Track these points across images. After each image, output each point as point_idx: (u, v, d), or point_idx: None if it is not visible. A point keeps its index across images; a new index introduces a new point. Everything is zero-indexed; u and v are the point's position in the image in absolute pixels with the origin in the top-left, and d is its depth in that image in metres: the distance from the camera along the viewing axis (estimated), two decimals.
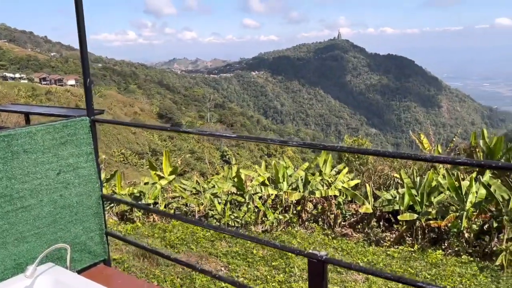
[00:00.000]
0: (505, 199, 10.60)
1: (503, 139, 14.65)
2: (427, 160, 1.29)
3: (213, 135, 2.54)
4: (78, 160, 3.38)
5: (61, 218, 3.38)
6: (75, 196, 3.42)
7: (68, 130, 3.28)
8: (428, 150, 15.23)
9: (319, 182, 12.91)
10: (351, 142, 16.83)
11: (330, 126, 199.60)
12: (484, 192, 11.01)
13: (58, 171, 3.28)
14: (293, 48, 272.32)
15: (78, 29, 3.13)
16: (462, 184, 11.29)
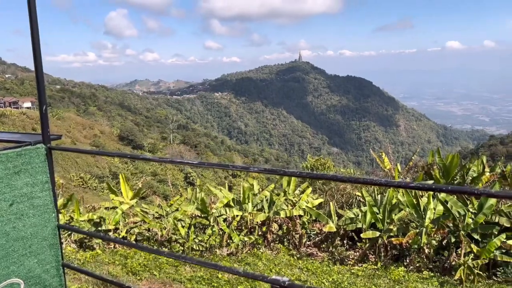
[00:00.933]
0: (461, 214, 11.02)
1: (458, 157, 15.33)
2: (382, 184, 1.30)
3: (173, 162, 2.48)
4: (33, 189, 3.21)
5: (14, 251, 3.18)
6: (29, 227, 3.23)
7: (22, 159, 3.11)
8: (388, 169, 15.69)
9: (283, 202, 12.95)
10: (314, 161, 17.07)
11: (294, 146, 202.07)
12: (442, 208, 11.40)
13: (11, 202, 3.09)
14: (255, 69, 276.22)
15: (33, 51, 3.02)
16: (421, 201, 11.66)
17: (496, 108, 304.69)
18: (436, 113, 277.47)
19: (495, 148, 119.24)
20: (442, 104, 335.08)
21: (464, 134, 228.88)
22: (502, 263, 10.60)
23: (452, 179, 15.09)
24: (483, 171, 14.67)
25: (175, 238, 10.50)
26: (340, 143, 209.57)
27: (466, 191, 1.92)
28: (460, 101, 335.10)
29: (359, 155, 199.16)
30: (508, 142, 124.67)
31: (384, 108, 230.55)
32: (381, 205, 12.13)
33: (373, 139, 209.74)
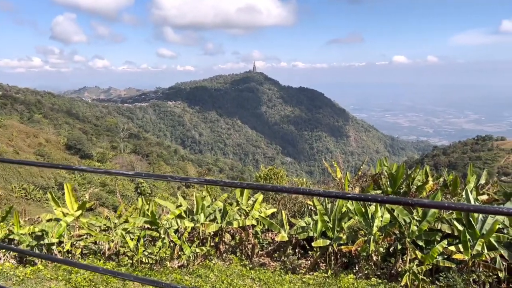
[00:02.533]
0: (407, 222, 11.47)
1: (404, 167, 15.99)
2: (310, 194, 1.29)
3: (109, 173, 2.37)
4: None
5: None
6: None
7: None
8: (339, 178, 16.09)
9: (236, 212, 12.88)
10: (267, 171, 17.17)
11: (248, 155, 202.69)
12: (388, 216, 11.81)
13: None
14: (210, 79, 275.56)
15: None
16: (369, 210, 12.02)
17: (439, 120, 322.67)
18: (384, 124, 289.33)
19: (438, 158, 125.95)
20: (390, 115, 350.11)
21: (410, 144, 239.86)
22: (444, 268, 11.10)
23: (399, 188, 15.70)
24: (427, 180, 15.39)
25: (124, 251, 10.11)
26: (293, 153, 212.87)
27: (401, 202, 1.96)
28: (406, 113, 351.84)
29: (312, 165, 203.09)
30: (449, 152, 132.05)
31: (335, 119, 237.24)
32: (331, 214, 12.38)
33: (324, 149, 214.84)
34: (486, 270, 10.83)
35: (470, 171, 15.80)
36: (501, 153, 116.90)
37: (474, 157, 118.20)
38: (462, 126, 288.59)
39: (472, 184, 15.07)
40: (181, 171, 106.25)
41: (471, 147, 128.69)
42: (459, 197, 14.17)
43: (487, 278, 10.85)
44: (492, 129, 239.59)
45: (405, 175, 15.92)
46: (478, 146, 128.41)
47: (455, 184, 14.82)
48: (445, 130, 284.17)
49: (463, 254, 10.57)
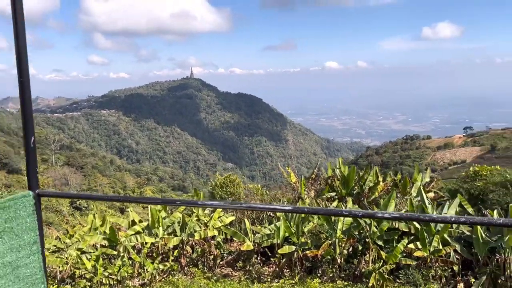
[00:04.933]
0: (367, 223, 11.78)
1: (355, 169, 16.46)
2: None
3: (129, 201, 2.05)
4: (18, 255, 2.30)
5: None
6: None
7: (5, 214, 2.21)
8: (294, 182, 16.22)
9: (196, 224, 12.46)
10: (223, 179, 16.92)
11: (189, 163, 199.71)
12: (350, 219, 12.07)
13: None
14: (146, 86, 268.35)
15: (18, 70, 2.28)
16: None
17: (370, 122, 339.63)
18: (320, 127, 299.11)
19: (371, 158, 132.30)
20: (325, 119, 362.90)
21: (344, 146, 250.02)
22: (403, 266, 11.52)
23: (352, 189, 16.14)
24: (378, 181, 15.97)
25: (80, 273, 9.33)
26: (234, 159, 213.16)
27: (376, 216, 1.87)
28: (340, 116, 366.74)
29: (253, 170, 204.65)
30: (382, 152, 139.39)
31: (274, 124, 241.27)
32: (292, 219, 12.37)
33: (265, 153, 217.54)
34: (442, 264, 11.38)
35: (417, 170, 16.64)
36: (427, 151, 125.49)
37: (404, 155, 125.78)
38: (391, 127, 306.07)
39: (419, 183, 15.87)
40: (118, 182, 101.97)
41: (401, 146, 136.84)
42: (409, 196, 14.84)
43: (443, 273, 11.40)
44: (419, 129, 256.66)
45: (357, 177, 16.41)
46: (407, 145, 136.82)
47: (405, 184, 15.53)
48: (376, 131, 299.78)
49: (422, 251, 11.04)
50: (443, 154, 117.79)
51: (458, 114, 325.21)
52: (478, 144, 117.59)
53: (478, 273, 11.15)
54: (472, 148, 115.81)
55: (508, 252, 11.19)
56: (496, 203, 15.50)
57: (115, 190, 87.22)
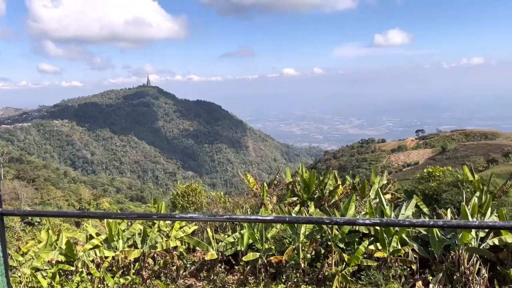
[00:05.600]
0: (329, 226, 11.96)
1: (315, 173, 16.71)
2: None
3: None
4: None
5: None
6: None
7: None
8: (257, 188, 16.22)
9: (158, 235, 12.16)
10: (185, 187, 16.61)
11: (147, 172, 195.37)
12: None
13: None
14: (100, 94, 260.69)
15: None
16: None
17: (327, 127, 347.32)
18: (279, 133, 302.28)
19: (330, 162, 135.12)
20: (284, 125, 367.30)
21: (303, 151, 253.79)
22: (365, 267, 11.77)
23: (313, 193, 16.36)
24: (338, 184, 16.28)
25: None
26: (194, 167, 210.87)
27: (351, 222, 1.92)
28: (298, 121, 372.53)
29: (214, 177, 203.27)
30: (339, 156, 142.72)
31: (234, 131, 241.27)
32: (255, 225, 12.36)
33: (225, 160, 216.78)
34: (402, 264, 11.74)
35: (374, 173, 17.13)
36: (382, 154, 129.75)
37: (361, 159, 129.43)
38: (348, 131, 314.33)
39: (377, 185, 16.34)
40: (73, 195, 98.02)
41: (358, 150, 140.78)
42: (368, 198, 15.23)
43: (403, 272, 11.76)
44: (373, 132, 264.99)
45: (317, 181, 16.67)
46: (363, 149, 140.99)
47: (363, 187, 15.92)
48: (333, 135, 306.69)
49: (382, 251, 11.33)
50: (397, 156, 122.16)
51: (410, 117, 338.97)
52: (430, 146, 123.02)
53: (435, 271, 11.58)
54: (424, 150, 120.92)
55: (462, 249, 11.71)
56: (449, 202, 16.22)
57: (70, 203, 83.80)
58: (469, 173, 16.41)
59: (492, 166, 75.84)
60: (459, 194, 15.49)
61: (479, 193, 14.21)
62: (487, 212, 12.77)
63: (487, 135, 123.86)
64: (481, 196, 13.99)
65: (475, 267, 11.69)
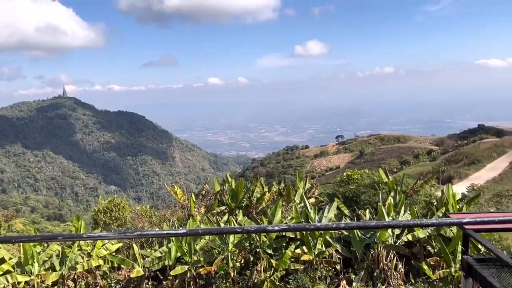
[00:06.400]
0: (257, 234, 12.11)
1: (242, 182, 16.86)
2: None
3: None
4: None
5: None
6: None
7: None
8: (184, 200, 15.94)
9: (78, 254, 11.43)
10: (107, 203, 15.80)
11: (65, 189, 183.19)
12: None
13: None
14: (10, 106, 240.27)
15: None
16: (223, 226, 12.26)
17: (254, 135, 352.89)
18: (206, 143, 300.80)
19: (257, 169, 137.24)
20: (211, 134, 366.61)
21: (231, 159, 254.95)
22: (293, 271, 12.07)
23: (240, 201, 16.47)
24: (264, 191, 16.57)
25: None
26: (117, 181, 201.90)
27: (267, 230, 2.04)
28: (225, 130, 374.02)
29: (139, 190, 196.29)
30: (266, 163, 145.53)
31: (159, 142, 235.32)
32: (184, 238, 12.14)
33: (151, 172, 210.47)
34: (327, 265, 12.22)
35: (298, 178, 17.69)
36: (306, 159, 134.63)
37: (287, 165, 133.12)
38: (273, 138, 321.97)
39: (301, 190, 16.89)
40: None
41: (283, 157, 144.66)
42: (293, 203, 15.68)
43: (328, 273, 12.24)
44: (297, 139, 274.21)
45: (245, 189, 16.82)
46: (288, 155, 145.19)
47: (289, 192, 16.38)
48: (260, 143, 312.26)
49: (308, 254, 11.70)
50: (320, 161, 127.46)
51: (330, 124, 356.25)
52: (349, 151, 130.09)
53: (357, 269, 12.22)
54: (344, 155, 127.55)
55: (380, 247, 12.49)
56: (367, 203, 17.26)
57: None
58: (383, 175, 17.60)
59: (405, 168, 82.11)
60: (376, 195, 16.54)
61: (394, 193, 15.28)
62: (401, 210, 13.77)
63: (399, 138, 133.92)
64: (395, 196, 15.06)
65: (392, 263, 12.52)
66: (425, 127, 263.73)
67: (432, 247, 12.98)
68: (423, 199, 16.92)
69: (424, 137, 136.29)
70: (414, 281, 12.30)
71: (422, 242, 13.31)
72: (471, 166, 66.70)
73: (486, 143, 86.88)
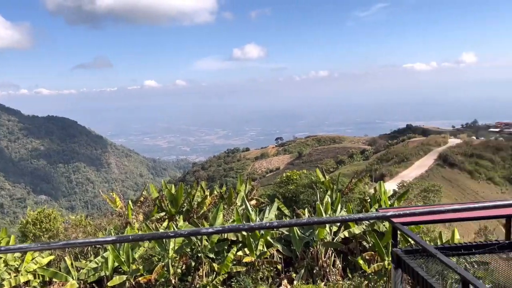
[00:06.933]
0: (198, 238, 11.96)
1: (182, 186, 16.61)
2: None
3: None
4: None
5: None
6: None
7: None
8: (120, 207, 15.36)
9: (4, 271, 10.59)
10: (36, 214, 14.76)
11: None
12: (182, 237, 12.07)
13: None
14: None
15: None
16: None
17: (194, 138, 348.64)
18: (144, 147, 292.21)
19: (198, 173, 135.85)
20: (149, 138, 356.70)
21: (171, 164, 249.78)
22: (235, 274, 12.08)
23: (181, 207, 16.21)
24: (205, 195, 16.45)
25: None
26: (48, 190, 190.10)
27: (201, 233, 2.10)
28: (164, 134, 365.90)
29: (72, 199, 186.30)
30: (207, 167, 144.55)
31: (93, 147, 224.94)
32: (122, 246, 11.71)
33: (85, 180, 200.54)
34: (268, 266, 12.37)
35: (240, 181, 17.77)
36: (247, 162, 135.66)
37: (228, 168, 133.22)
38: (214, 142, 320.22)
39: (243, 192, 16.98)
40: None
41: (224, 160, 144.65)
42: (235, 206, 15.71)
43: (270, 273, 12.40)
44: (238, 142, 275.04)
45: (185, 194, 16.59)
46: (229, 158, 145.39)
47: (230, 195, 16.39)
48: (200, 147, 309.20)
49: (250, 256, 11.77)
50: (261, 163, 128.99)
51: (270, 126, 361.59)
52: (288, 152, 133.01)
53: (298, 268, 12.50)
54: (284, 156, 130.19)
55: (319, 244, 12.88)
56: (306, 202, 17.73)
57: None
58: (320, 174, 18.19)
59: (340, 167, 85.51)
60: (314, 194, 17.05)
61: (330, 192, 15.86)
62: (337, 208, 14.30)
63: (335, 139, 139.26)
64: (332, 194, 15.63)
65: (331, 259, 12.97)
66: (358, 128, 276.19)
67: (367, 242, 13.61)
68: (357, 197, 17.71)
69: (358, 138, 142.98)
70: (351, 276, 12.82)
71: (358, 238, 13.92)
72: (401, 164, 70.99)
73: (414, 142, 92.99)
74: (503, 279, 6.17)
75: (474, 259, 9.49)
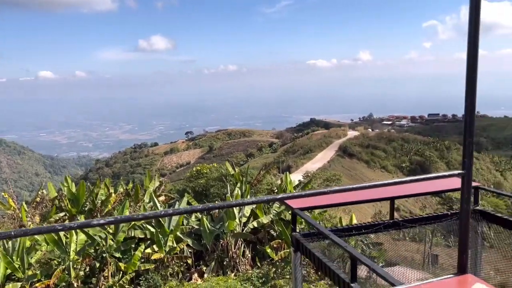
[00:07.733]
0: (103, 238, 11.38)
1: (84, 185, 15.65)
2: None
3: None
4: None
5: None
6: None
7: None
8: (14, 209, 14.00)
9: None
10: None
11: None
12: (84, 237, 11.34)
13: None
14: None
15: None
16: (62, 236, 11.14)
17: (96, 133, 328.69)
18: (40, 144, 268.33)
19: (102, 170, 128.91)
20: (45, 134, 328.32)
21: (71, 161, 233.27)
22: (143, 272, 11.75)
23: (83, 206, 15.29)
24: (110, 193, 15.70)
25: None
26: None
27: (91, 224, 2.09)
28: (62, 129, 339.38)
29: None
30: (112, 163, 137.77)
31: None
32: (15, 252, 10.73)
33: None
34: (178, 261, 12.24)
35: (148, 177, 17.26)
36: (156, 157, 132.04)
37: (135, 164, 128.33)
38: (119, 137, 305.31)
39: (151, 189, 16.54)
40: None
41: (131, 156, 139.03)
42: (142, 202, 15.24)
43: (180, 268, 12.29)
44: (146, 137, 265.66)
45: (87, 192, 15.67)
46: (136, 154, 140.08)
47: (137, 192, 15.85)
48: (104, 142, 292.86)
49: (158, 253, 11.53)
50: (170, 158, 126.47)
51: (180, 120, 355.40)
52: (199, 147, 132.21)
53: (208, 261, 12.57)
54: (195, 150, 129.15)
55: (229, 236, 13.08)
56: (217, 195, 17.86)
57: None
58: (230, 167, 18.42)
59: (250, 160, 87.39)
60: (224, 187, 17.23)
61: (240, 184, 16.13)
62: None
63: (245, 133, 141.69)
64: (241, 186, 15.91)
65: (240, 250, 13.25)
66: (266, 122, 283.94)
67: (275, 231, 14.15)
68: (265, 188, 18.30)
69: (266, 131, 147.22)
70: (260, 264, 13.24)
71: (266, 227, 14.40)
72: (305, 155, 74.75)
73: (317, 134, 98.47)
74: (393, 256, 6.99)
75: (370, 240, 10.36)
